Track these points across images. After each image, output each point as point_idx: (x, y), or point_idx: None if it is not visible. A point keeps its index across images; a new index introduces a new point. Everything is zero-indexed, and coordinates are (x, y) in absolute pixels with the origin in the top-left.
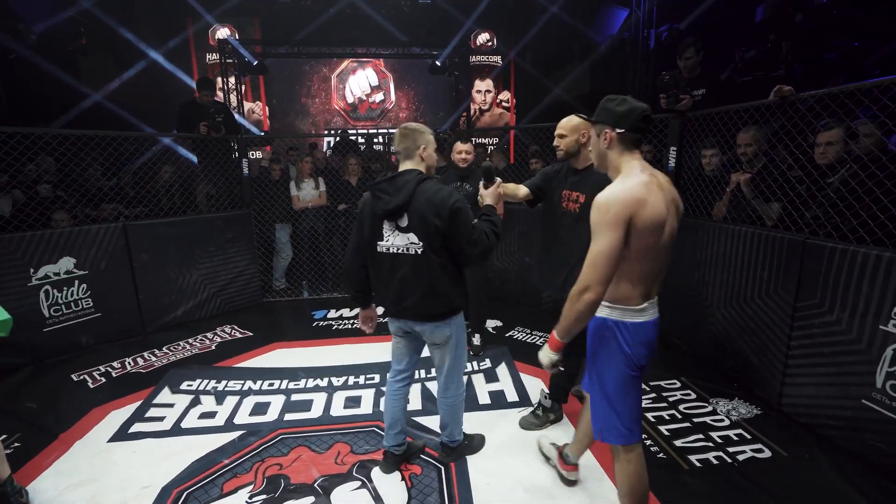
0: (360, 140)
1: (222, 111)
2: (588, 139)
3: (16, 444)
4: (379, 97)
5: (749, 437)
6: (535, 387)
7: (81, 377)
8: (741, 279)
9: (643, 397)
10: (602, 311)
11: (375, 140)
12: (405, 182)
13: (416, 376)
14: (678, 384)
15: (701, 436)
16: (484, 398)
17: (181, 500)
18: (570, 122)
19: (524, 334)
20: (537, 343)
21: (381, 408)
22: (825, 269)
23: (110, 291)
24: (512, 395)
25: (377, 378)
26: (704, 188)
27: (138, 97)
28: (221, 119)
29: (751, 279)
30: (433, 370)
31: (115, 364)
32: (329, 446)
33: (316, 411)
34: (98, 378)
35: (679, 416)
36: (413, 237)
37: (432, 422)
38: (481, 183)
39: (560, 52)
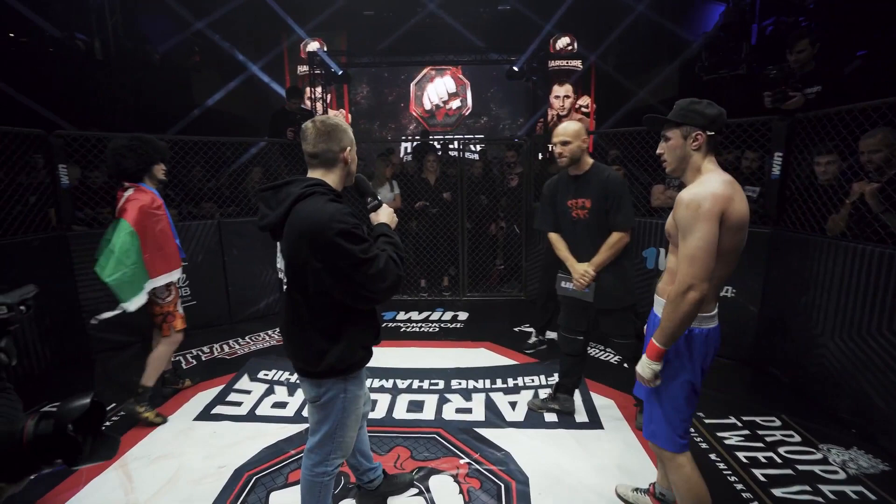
0: (437, 146)
1: (308, 118)
2: (587, 143)
3: (121, 413)
4: (456, 104)
5: (874, 497)
6: (607, 408)
7: (177, 358)
8: (863, 306)
9: (734, 433)
10: None
11: (451, 147)
12: (287, 195)
13: (481, 385)
14: (778, 422)
15: (807, 487)
16: (550, 415)
17: (250, 484)
18: (571, 128)
19: (597, 350)
20: (611, 361)
21: (444, 415)
22: None
23: (204, 282)
24: (581, 416)
25: (441, 384)
26: (817, 199)
27: (238, 106)
28: None
29: (876, 307)
30: (499, 380)
31: (204, 349)
32: (390, 449)
33: (379, 412)
34: (190, 360)
35: (779, 461)
36: (283, 266)
37: (495, 435)
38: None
39: (646, 54)
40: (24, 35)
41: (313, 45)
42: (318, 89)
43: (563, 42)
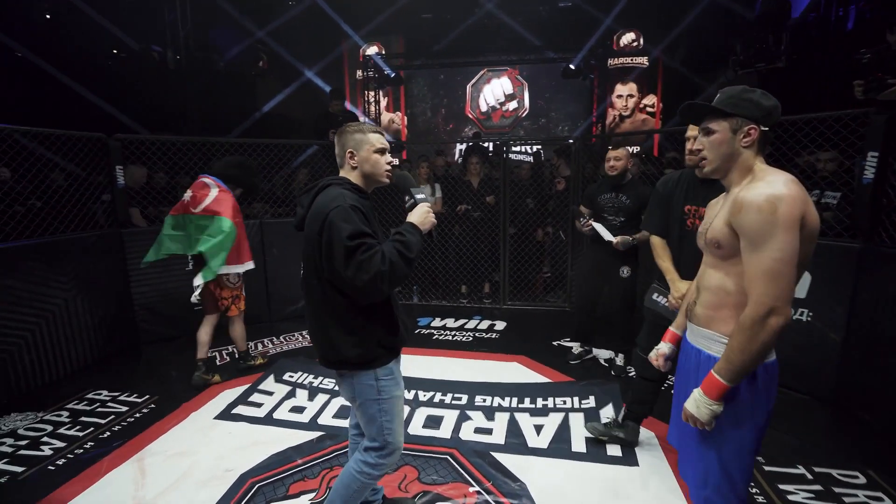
0: (489, 147)
1: (349, 119)
2: None
3: (151, 405)
4: (513, 105)
5: None
6: (645, 442)
7: (213, 353)
8: None
9: (801, 487)
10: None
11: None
12: (314, 191)
13: (506, 403)
14: (862, 479)
15: None
16: (579, 444)
17: (252, 492)
18: None
19: None
20: None
21: (461, 434)
22: None
23: (246, 281)
24: (615, 449)
25: (464, 399)
26: None
27: (298, 110)
28: None
29: None
30: (527, 399)
31: None
32: (398, 467)
33: None
34: (224, 356)
35: None
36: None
37: (513, 462)
38: (408, 199)
39: (719, 46)
40: (110, 49)
41: (372, 49)
42: (371, 93)
43: (627, 38)
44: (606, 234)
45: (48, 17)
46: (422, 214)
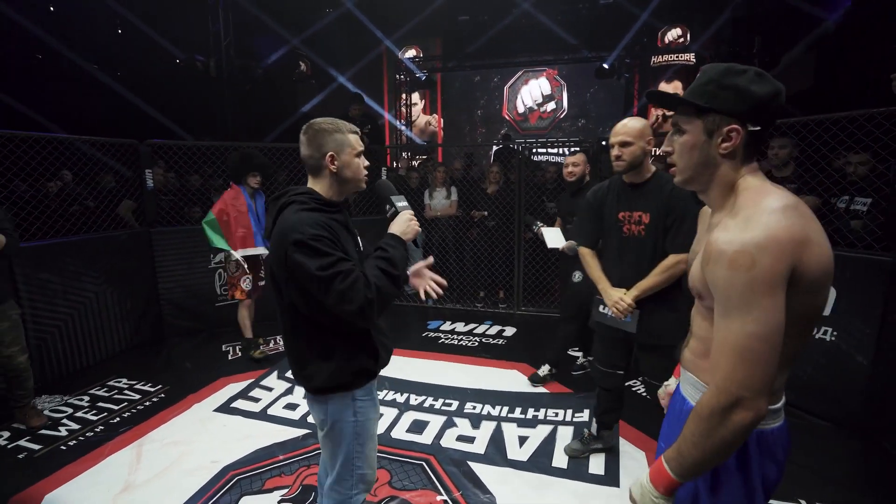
0: (516, 148)
1: (368, 123)
2: (652, 146)
3: (161, 395)
4: (551, 106)
5: None
6: (632, 460)
7: (227, 349)
8: None
9: None
10: None
11: (535, 150)
12: (276, 206)
13: (495, 412)
14: None
15: None
16: (560, 459)
17: (230, 484)
18: (633, 126)
19: (645, 385)
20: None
21: (442, 441)
22: None
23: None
24: (597, 466)
25: (454, 405)
26: None
27: (336, 114)
28: (367, 130)
29: None
30: (518, 409)
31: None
32: None
33: (379, 428)
34: (237, 352)
35: None
36: None
37: (488, 473)
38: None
39: (770, 39)
40: (158, 59)
41: (410, 53)
42: (404, 96)
43: (673, 34)
44: (551, 241)
45: (119, 31)
46: (403, 223)
